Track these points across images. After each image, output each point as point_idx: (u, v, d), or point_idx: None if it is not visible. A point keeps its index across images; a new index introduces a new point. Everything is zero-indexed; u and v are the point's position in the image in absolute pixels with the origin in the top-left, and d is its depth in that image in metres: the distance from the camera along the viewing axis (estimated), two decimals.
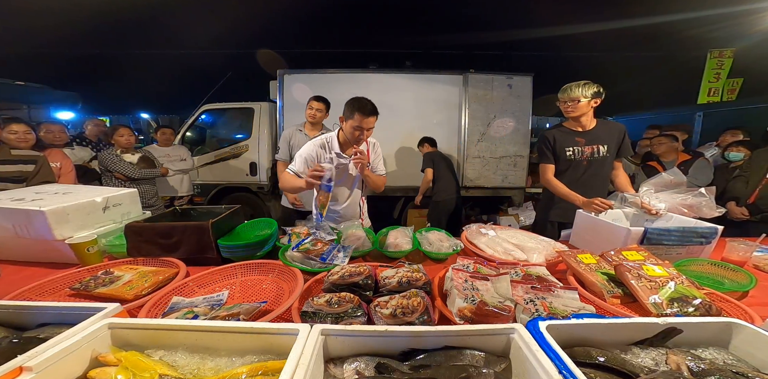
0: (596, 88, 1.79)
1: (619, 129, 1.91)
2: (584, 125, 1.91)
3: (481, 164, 4.03)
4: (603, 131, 1.90)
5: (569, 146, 1.92)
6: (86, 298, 1.03)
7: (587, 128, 1.91)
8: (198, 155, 4.32)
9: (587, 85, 1.79)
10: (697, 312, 0.84)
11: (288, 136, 2.57)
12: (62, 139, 2.93)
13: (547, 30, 4.99)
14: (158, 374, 0.58)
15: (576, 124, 1.93)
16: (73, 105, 6.61)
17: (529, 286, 0.96)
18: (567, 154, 1.93)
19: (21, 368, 0.52)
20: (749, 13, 4.33)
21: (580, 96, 1.79)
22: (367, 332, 0.65)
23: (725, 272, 1.21)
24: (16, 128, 2.21)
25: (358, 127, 1.57)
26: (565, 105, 1.86)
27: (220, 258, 1.30)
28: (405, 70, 3.97)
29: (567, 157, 1.93)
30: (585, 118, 1.88)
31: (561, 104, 1.89)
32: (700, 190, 1.45)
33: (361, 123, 1.56)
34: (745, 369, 0.59)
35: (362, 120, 1.56)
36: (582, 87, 1.79)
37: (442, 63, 5.98)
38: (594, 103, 1.83)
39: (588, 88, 1.78)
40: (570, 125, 1.96)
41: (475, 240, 1.46)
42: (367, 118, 1.56)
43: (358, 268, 1.02)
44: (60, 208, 1.28)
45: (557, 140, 1.95)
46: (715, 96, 5.64)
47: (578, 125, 1.92)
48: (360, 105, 1.56)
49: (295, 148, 2.52)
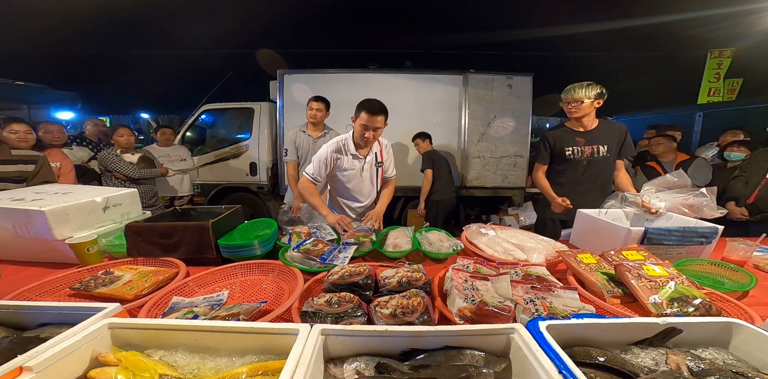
0: (599, 89, 1.80)
1: (621, 129, 1.92)
2: (586, 125, 1.92)
3: (481, 164, 4.03)
4: (604, 131, 1.91)
5: (569, 146, 1.93)
6: (86, 298, 1.03)
7: (588, 128, 1.92)
8: (198, 155, 4.32)
9: (591, 86, 1.80)
10: (697, 312, 0.84)
11: (293, 137, 2.59)
12: (61, 139, 2.92)
13: (547, 30, 4.99)
14: (158, 374, 0.58)
15: (577, 125, 1.94)
16: (73, 105, 6.61)
17: (529, 286, 0.96)
18: (567, 153, 1.94)
19: (21, 368, 0.52)
20: (749, 13, 4.34)
21: (584, 97, 1.80)
22: (367, 332, 0.65)
23: (725, 272, 1.21)
24: (17, 128, 2.21)
25: (364, 125, 1.59)
26: (568, 106, 1.87)
27: (220, 258, 1.30)
28: (405, 70, 3.97)
29: (567, 156, 1.94)
30: (587, 119, 1.89)
31: (564, 105, 1.90)
32: (701, 190, 1.45)
33: (367, 121, 1.58)
34: (745, 369, 0.59)
35: (368, 118, 1.58)
36: (586, 88, 1.80)
37: (442, 63, 5.98)
38: (597, 104, 1.84)
39: (591, 89, 1.79)
40: (571, 125, 1.97)
41: (475, 240, 1.46)
42: (374, 117, 1.58)
43: (358, 268, 1.02)
44: (60, 208, 1.28)
45: (557, 140, 1.96)
46: (715, 96, 5.64)
47: (580, 125, 1.93)
48: (368, 104, 1.59)
49: (300, 149, 2.53)
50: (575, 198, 1.92)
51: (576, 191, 1.96)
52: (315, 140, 2.50)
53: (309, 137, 2.52)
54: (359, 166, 1.78)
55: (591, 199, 1.87)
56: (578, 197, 1.92)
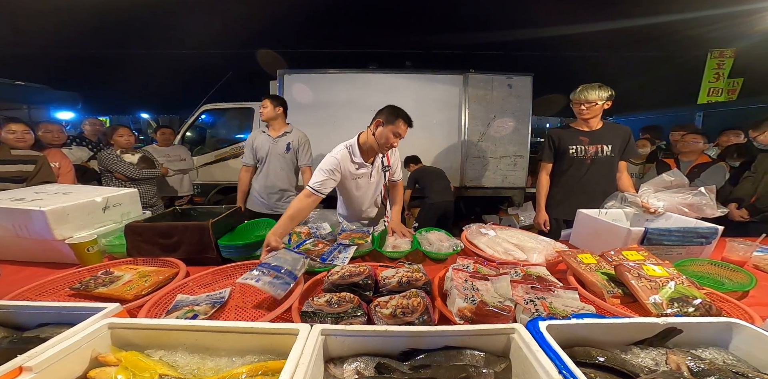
0: (610, 91, 1.82)
1: (625, 131, 1.93)
2: (591, 125, 1.93)
3: (481, 164, 4.04)
4: (609, 132, 1.92)
5: (573, 145, 1.94)
6: (86, 298, 1.03)
7: (593, 128, 1.93)
8: (198, 155, 4.32)
9: (603, 88, 1.81)
10: (697, 312, 0.84)
11: (251, 139, 2.50)
12: (61, 139, 2.92)
13: (547, 30, 5.00)
14: (158, 374, 0.58)
15: (583, 124, 1.95)
16: (73, 105, 6.62)
17: (529, 286, 0.96)
18: (570, 152, 1.94)
19: (21, 368, 0.52)
20: (749, 13, 4.34)
21: (598, 99, 1.81)
22: (367, 332, 0.65)
23: (725, 272, 1.21)
24: (15, 128, 2.20)
25: (397, 133, 1.56)
26: (580, 107, 1.88)
27: (220, 258, 1.30)
28: (405, 70, 3.97)
29: (570, 155, 1.94)
30: (594, 120, 1.91)
31: (575, 106, 1.91)
32: (700, 189, 1.45)
33: (402, 131, 1.57)
34: (745, 369, 0.59)
35: (405, 128, 1.57)
36: (599, 90, 1.80)
37: (442, 63, 5.99)
38: (606, 106, 1.85)
39: (604, 91, 1.81)
40: (577, 125, 1.98)
41: (475, 240, 1.46)
42: (407, 128, 1.59)
43: (358, 268, 1.02)
44: (60, 208, 1.28)
45: (561, 139, 1.97)
46: (716, 96, 5.65)
47: (585, 125, 1.94)
48: (404, 114, 1.57)
49: (259, 150, 2.43)
50: (578, 197, 1.92)
51: (579, 190, 1.96)
52: (275, 140, 2.41)
53: (268, 137, 2.43)
54: (367, 172, 1.72)
55: (594, 198, 1.86)
56: (581, 195, 1.92)
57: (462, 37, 5.53)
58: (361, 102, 3.81)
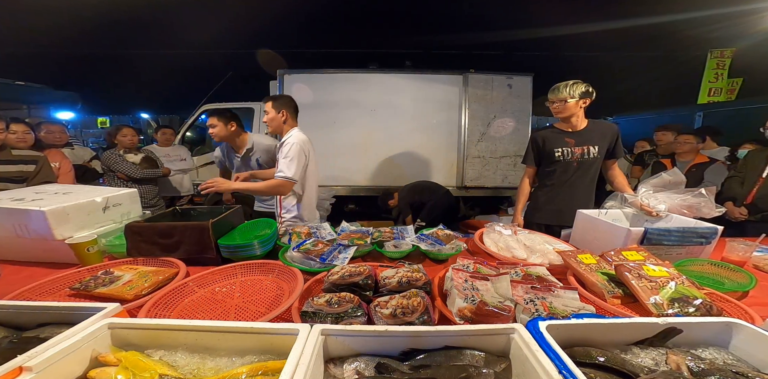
0: (585, 87, 1.75)
1: (612, 129, 1.86)
2: (574, 126, 1.86)
3: (481, 164, 4.04)
4: (594, 132, 1.86)
5: (558, 147, 1.88)
6: (86, 298, 1.03)
7: (578, 129, 1.87)
8: (198, 155, 4.32)
9: (575, 85, 1.75)
10: (697, 312, 0.84)
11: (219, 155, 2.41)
12: (63, 140, 2.92)
13: (547, 30, 5.00)
14: (158, 374, 0.58)
15: (566, 125, 1.89)
16: (73, 105, 6.61)
17: (529, 286, 0.96)
18: (556, 155, 1.88)
19: (21, 368, 0.52)
20: (749, 13, 4.34)
21: (567, 96, 1.75)
22: (367, 332, 0.65)
23: (725, 272, 1.20)
24: (15, 128, 2.21)
25: None
26: (553, 105, 1.83)
27: (220, 258, 1.30)
28: (405, 70, 3.97)
29: (556, 157, 1.88)
30: (575, 119, 1.84)
31: (550, 104, 1.86)
32: (700, 190, 1.45)
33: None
34: (745, 369, 0.59)
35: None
36: (570, 87, 1.75)
37: (442, 63, 5.99)
38: (583, 104, 1.79)
39: (576, 88, 1.74)
40: (560, 126, 1.92)
41: (488, 240, 1.45)
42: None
43: (358, 268, 1.02)
44: (60, 208, 1.28)
45: (546, 141, 1.91)
46: (716, 96, 5.65)
47: (568, 126, 1.88)
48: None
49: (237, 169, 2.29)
50: (565, 200, 1.88)
51: (566, 193, 1.91)
52: (242, 159, 2.22)
53: (235, 156, 2.23)
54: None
55: (580, 200, 1.85)
56: (568, 198, 1.88)
57: (462, 37, 5.54)
58: (361, 102, 3.81)
